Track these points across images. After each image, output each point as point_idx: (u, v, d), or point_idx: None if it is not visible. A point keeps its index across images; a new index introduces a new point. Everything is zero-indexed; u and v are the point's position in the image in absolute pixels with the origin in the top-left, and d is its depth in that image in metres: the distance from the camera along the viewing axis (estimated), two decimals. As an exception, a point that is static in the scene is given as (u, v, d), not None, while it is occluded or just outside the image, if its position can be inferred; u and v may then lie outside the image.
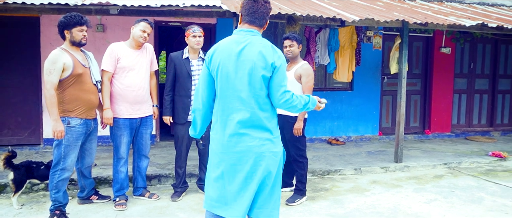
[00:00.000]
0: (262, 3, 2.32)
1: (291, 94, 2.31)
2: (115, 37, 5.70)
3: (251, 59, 2.23)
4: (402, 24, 5.26)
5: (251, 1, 2.32)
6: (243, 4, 2.35)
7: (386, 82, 7.29)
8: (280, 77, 2.26)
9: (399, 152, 5.47)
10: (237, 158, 2.29)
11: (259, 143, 2.27)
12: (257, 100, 2.26)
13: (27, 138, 5.97)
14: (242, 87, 2.25)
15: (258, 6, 2.31)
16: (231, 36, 2.35)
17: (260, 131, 2.28)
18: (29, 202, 4.01)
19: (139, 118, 3.89)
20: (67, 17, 3.36)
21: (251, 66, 2.23)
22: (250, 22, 2.33)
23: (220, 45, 2.33)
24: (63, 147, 3.39)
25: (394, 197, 4.30)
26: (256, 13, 2.31)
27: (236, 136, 2.27)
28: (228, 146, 2.30)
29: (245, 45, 2.26)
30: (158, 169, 4.89)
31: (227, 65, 2.27)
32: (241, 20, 2.37)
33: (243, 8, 2.34)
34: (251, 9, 2.31)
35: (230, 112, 2.28)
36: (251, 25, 2.33)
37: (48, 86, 3.26)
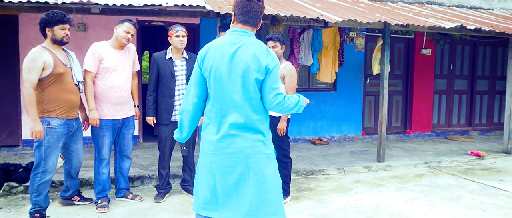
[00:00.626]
0: (256, 2, 2.28)
1: (283, 96, 2.28)
2: (96, 36, 5.61)
3: (245, 61, 2.20)
4: (384, 25, 5.34)
5: (245, 1, 2.27)
6: (236, 3, 2.29)
7: (368, 83, 7.39)
8: (273, 80, 2.24)
9: (381, 151, 5.55)
10: (229, 159, 2.26)
11: (251, 144, 2.25)
12: (251, 102, 2.23)
13: (5, 139, 5.82)
14: (235, 89, 2.21)
15: (252, 5, 2.27)
16: (224, 37, 2.31)
17: (252, 133, 2.26)
18: (7, 205, 3.91)
19: (121, 118, 3.83)
20: (49, 15, 3.29)
21: (244, 69, 2.19)
22: (244, 22, 2.28)
23: (213, 46, 2.28)
24: (44, 149, 3.32)
25: (376, 196, 4.36)
26: (250, 12, 2.26)
27: (229, 137, 2.25)
28: (220, 147, 2.27)
29: (239, 47, 2.23)
30: (141, 170, 4.84)
31: (220, 66, 2.22)
32: (234, 20, 2.31)
33: (236, 8, 2.29)
34: (245, 8, 2.26)
35: (223, 113, 2.25)
36: (244, 25, 2.29)
37: (27, 85, 3.18)
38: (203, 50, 2.32)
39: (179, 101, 3.99)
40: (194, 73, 2.35)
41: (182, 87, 4.00)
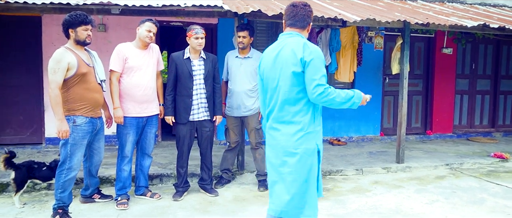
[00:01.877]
0: (301, 6, 2.52)
1: (325, 88, 2.34)
2: (116, 37, 5.71)
3: (284, 58, 2.42)
4: (404, 24, 5.26)
5: (291, 6, 2.53)
6: (285, 10, 2.56)
7: (387, 82, 7.29)
8: (312, 71, 2.34)
9: (400, 152, 5.47)
10: (271, 151, 2.51)
11: (286, 138, 2.41)
12: (288, 96, 2.41)
13: (29, 137, 5.99)
14: (277, 85, 2.46)
15: (298, 10, 2.51)
16: (276, 42, 2.57)
17: (290, 125, 2.41)
18: (31, 201, 4.02)
19: (145, 117, 3.91)
20: (72, 16, 3.37)
21: (283, 65, 2.42)
22: (291, 25, 2.52)
23: (266, 52, 2.60)
24: (69, 146, 3.40)
25: (395, 197, 4.30)
26: (297, 16, 2.50)
27: (271, 130, 2.51)
28: (268, 140, 2.56)
29: (282, 47, 2.46)
30: (160, 168, 4.90)
31: (268, 67, 2.52)
32: (284, 25, 2.57)
33: (285, 14, 2.55)
34: (292, 13, 2.51)
35: (271, 109, 2.53)
36: (291, 28, 2.53)
37: (53, 86, 3.26)
38: (260, 57, 2.67)
39: (197, 100, 4.03)
40: (258, 79, 2.72)
41: (200, 86, 4.03)
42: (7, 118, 5.82)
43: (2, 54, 5.41)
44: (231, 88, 4.40)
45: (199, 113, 4.06)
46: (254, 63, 4.37)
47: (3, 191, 4.23)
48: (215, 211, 3.85)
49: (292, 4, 2.54)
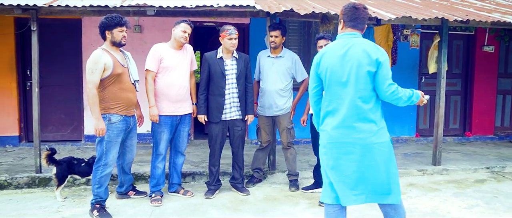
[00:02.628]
0: (363, 9, 2.62)
1: (396, 86, 2.53)
2: (151, 37, 5.86)
3: (356, 57, 2.49)
4: (441, 22, 5.07)
5: (353, 8, 2.60)
6: (344, 10, 2.63)
7: (423, 82, 7.06)
8: (385, 71, 2.50)
9: (437, 154, 5.28)
10: (345, 149, 2.54)
11: (364, 135, 2.51)
12: (363, 94, 2.50)
13: (70, 134, 6.26)
14: (348, 83, 2.51)
15: (359, 12, 2.60)
16: (336, 41, 2.63)
17: (365, 123, 2.51)
18: (71, 195, 4.20)
19: (179, 115, 3.99)
20: (108, 18, 3.49)
21: (356, 64, 2.49)
22: (353, 26, 2.61)
23: (327, 50, 2.62)
24: (105, 143, 3.53)
25: (431, 201, 4.15)
26: (358, 19, 2.60)
27: (343, 128, 2.53)
28: (336, 138, 2.56)
29: (350, 47, 2.54)
30: (192, 166, 4.98)
31: (334, 65, 2.54)
32: (343, 25, 2.64)
33: (345, 15, 2.62)
34: (354, 15, 2.60)
35: (338, 107, 2.55)
36: (353, 29, 2.61)
37: (90, 86, 3.40)
38: (318, 56, 2.68)
39: (229, 100, 4.07)
40: (311, 74, 2.72)
41: (232, 86, 4.06)
42: (49, 116, 6.11)
43: (45, 56, 5.68)
44: (263, 87, 4.41)
45: (231, 112, 4.10)
46: (286, 63, 4.36)
47: (46, 185, 4.45)
48: (246, 209, 3.87)
49: (354, 6, 2.62)
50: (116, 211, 3.73)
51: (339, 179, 2.58)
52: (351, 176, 2.55)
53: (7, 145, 6.03)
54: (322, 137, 2.66)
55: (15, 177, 4.46)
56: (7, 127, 6.01)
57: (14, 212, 3.75)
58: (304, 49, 6.63)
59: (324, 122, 2.65)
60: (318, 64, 2.65)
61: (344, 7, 2.64)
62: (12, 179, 4.44)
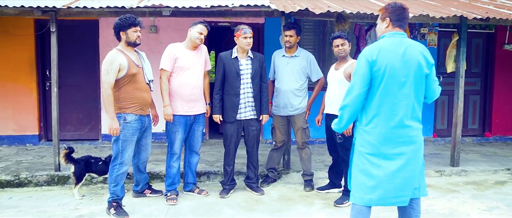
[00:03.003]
0: (408, 11, 2.69)
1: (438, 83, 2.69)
2: (167, 38, 5.91)
3: (415, 59, 2.54)
4: (460, 20, 4.96)
5: (401, 8, 2.63)
6: (391, 10, 2.63)
7: (441, 81, 6.91)
8: (434, 73, 2.66)
9: (456, 155, 5.18)
10: (399, 149, 2.56)
11: (416, 133, 2.61)
12: (417, 95, 2.58)
13: (87, 133, 6.37)
14: (407, 84, 2.53)
15: (406, 13, 2.66)
16: (388, 39, 2.61)
17: (417, 122, 2.62)
18: (89, 193, 4.28)
19: (193, 115, 4.01)
20: (122, 19, 3.54)
21: (417, 65, 2.54)
22: (400, 26, 2.63)
23: (383, 47, 2.56)
24: (121, 142, 3.58)
25: (449, 202, 4.08)
26: (406, 19, 2.65)
27: (399, 128, 2.56)
28: (392, 137, 2.56)
29: (406, 47, 2.56)
30: (207, 166, 5.01)
31: (394, 64, 2.52)
32: (389, 24, 2.64)
33: (392, 14, 2.63)
34: (402, 15, 2.63)
35: (394, 106, 2.54)
36: (400, 29, 2.64)
37: (106, 86, 3.45)
38: (373, 51, 2.56)
39: (244, 100, 4.07)
40: (363, 73, 2.56)
41: (247, 85, 4.07)
42: (68, 115, 6.23)
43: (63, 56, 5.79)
44: (277, 87, 4.40)
45: (246, 112, 4.10)
46: (301, 62, 4.34)
47: (64, 183, 4.54)
48: (261, 209, 3.87)
49: (402, 6, 2.64)
50: (132, 209, 3.78)
51: (387, 179, 2.56)
52: (400, 176, 2.57)
53: (27, 143, 6.18)
54: (369, 138, 2.60)
55: (35, 175, 4.57)
56: (28, 126, 6.15)
57: (34, 209, 3.84)
58: (319, 48, 6.59)
59: (373, 122, 2.58)
60: (375, 61, 2.52)
61: (391, 6, 2.64)
62: (32, 177, 4.54)
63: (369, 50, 2.58)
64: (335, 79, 3.98)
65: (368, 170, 2.62)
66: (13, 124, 6.13)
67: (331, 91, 4.02)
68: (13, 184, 4.48)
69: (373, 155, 2.60)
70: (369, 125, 2.62)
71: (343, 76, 3.88)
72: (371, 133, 2.61)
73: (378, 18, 2.74)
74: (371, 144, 2.60)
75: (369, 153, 2.61)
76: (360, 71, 2.57)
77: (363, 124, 2.65)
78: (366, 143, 2.63)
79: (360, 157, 2.66)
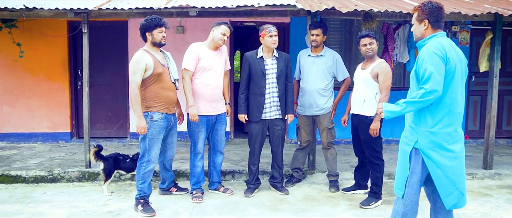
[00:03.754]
0: (444, 9, 2.64)
1: None
2: (193, 37, 5.98)
3: (463, 58, 2.60)
4: (495, 17, 4.78)
5: (439, 8, 2.59)
6: (429, 11, 2.58)
7: (474, 81, 6.69)
8: None
9: (488, 157, 4.99)
10: (461, 147, 2.60)
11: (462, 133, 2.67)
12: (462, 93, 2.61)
13: (116, 131, 6.54)
14: (461, 82, 2.58)
15: (443, 12, 2.62)
16: (443, 38, 2.58)
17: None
18: (117, 190, 4.39)
19: (215, 115, 4.05)
20: (148, 20, 3.62)
21: (465, 65, 2.61)
22: (440, 27, 2.62)
23: (446, 46, 2.53)
24: (148, 140, 3.66)
25: (482, 207, 3.93)
26: (443, 18, 2.63)
27: (460, 127, 2.62)
28: (457, 137, 2.57)
29: (454, 47, 2.58)
30: (232, 165, 5.04)
31: (458, 65, 2.54)
32: (428, 26, 2.60)
33: (433, 16, 2.58)
34: (440, 15, 2.59)
35: (457, 105, 2.56)
36: (441, 30, 2.63)
37: (133, 86, 3.54)
38: (443, 49, 2.49)
39: (269, 99, 4.07)
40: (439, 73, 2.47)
41: (273, 85, 4.06)
42: (98, 114, 6.42)
43: (94, 56, 5.97)
44: (303, 87, 4.38)
45: (271, 112, 4.10)
46: (327, 62, 4.30)
47: (94, 180, 4.69)
48: (286, 209, 3.86)
49: (438, 5, 2.60)
50: (159, 207, 3.86)
51: (458, 179, 2.56)
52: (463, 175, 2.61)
53: (60, 140, 6.41)
54: (440, 139, 2.52)
55: (67, 171, 4.73)
56: (60, 123, 6.39)
57: (66, 204, 3.98)
58: (345, 48, 6.51)
59: (442, 122, 2.52)
60: (449, 59, 2.48)
61: (428, 7, 2.58)
62: (64, 173, 4.71)
63: (437, 47, 2.49)
64: (361, 79, 3.91)
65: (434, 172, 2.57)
66: (47, 122, 6.37)
67: (357, 91, 3.96)
68: (47, 180, 4.66)
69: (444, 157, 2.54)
70: (437, 126, 2.53)
71: (369, 76, 3.81)
72: (438, 134, 2.52)
73: (413, 18, 2.66)
74: (440, 147, 2.53)
75: (439, 155, 2.53)
76: (437, 68, 2.44)
77: (429, 125, 2.54)
78: (433, 145, 2.53)
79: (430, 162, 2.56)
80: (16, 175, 4.65)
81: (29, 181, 4.64)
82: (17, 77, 6.26)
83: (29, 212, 3.77)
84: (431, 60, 2.46)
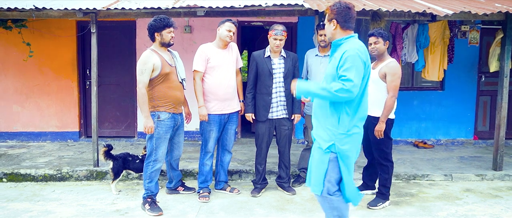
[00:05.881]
0: (354, 9, 2.58)
1: None
2: (201, 37, 6.00)
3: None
4: (505, 16, 4.72)
5: (349, 9, 2.54)
6: (338, 11, 2.53)
7: (483, 81, 6.61)
8: None
9: (498, 158, 4.93)
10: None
11: None
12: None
13: (124, 130, 6.58)
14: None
15: (352, 12, 2.56)
16: (360, 42, 2.58)
17: None
18: (125, 189, 4.42)
19: (227, 114, 4.05)
20: (157, 20, 3.63)
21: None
22: (350, 28, 2.58)
23: (365, 50, 2.58)
24: (155, 140, 3.67)
25: (492, 208, 3.89)
26: (353, 19, 2.58)
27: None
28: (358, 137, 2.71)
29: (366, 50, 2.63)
30: (239, 164, 5.04)
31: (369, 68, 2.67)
32: (338, 26, 2.56)
33: (341, 16, 2.53)
34: (349, 16, 2.54)
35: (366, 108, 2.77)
36: (351, 31, 2.60)
37: (140, 86, 3.55)
38: (364, 53, 2.55)
39: (276, 98, 4.06)
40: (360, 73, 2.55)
41: (280, 85, 4.06)
42: (106, 113, 6.47)
43: (102, 56, 6.02)
44: (310, 87, 4.35)
45: (278, 111, 4.09)
46: (334, 62, 4.27)
47: (102, 179, 4.72)
48: (292, 209, 3.85)
49: (348, 6, 2.53)
50: (166, 206, 3.87)
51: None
52: None
53: (69, 139, 6.47)
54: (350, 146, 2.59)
55: (75, 169, 4.78)
56: (69, 122, 6.44)
57: (74, 202, 4.02)
58: (353, 47, 6.46)
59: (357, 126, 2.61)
60: (368, 66, 2.58)
61: (337, 6, 2.54)
62: (73, 172, 4.75)
63: (361, 51, 2.50)
64: (370, 79, 3.86)
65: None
66: (56, 121, 6.43)
67: None
68: (56, 178, 4.71)
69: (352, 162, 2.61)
70: (353, 129, 2.57)
71: (378, 76, 3.78)
72: (352, 137, 2.56)
73: (325, 18, 2.62)
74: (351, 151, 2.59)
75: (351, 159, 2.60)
76: (360, 72, 2.48)
77: (345, 128, 2.54)
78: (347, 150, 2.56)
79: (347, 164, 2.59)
80: (26, 173, 4.71)
81: (38, 180, 4.69)
82: (26, 76, 6.33)
83: (38, 210, 3.81)
84: (354, 62, 2.44)
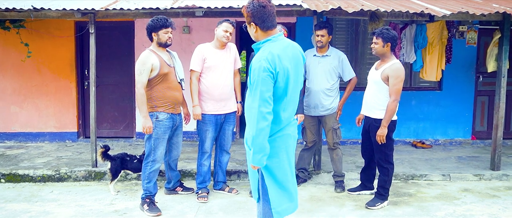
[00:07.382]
0: (269, 6, 2.36)
1: None
2: (199, 38, 6.00)
3: (300, 59, 2.54)
4: (503, 16, 4.73)
5: (264, 8, 2.33)
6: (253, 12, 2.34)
7: (481, 81, 6.63)
8: None
9: (496, 158, 4.95)
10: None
11: None
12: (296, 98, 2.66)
13: (122, 131, 6.58)
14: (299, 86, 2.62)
15: (268, 10, 2.34)
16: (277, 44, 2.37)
17: None
18: (123, 189, 4.42)
19: (224, 114, 4.05)
20: (154, 21, 3.64)
21: (301, 66, 2.55)
22: (270, 27, 2.39)
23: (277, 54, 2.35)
24: (153, 140, 3.68)
25: (489, 208, 3.90)
26: (271, 17, 2.37)
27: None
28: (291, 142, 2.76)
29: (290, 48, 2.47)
30: (238, 165, 5.05)
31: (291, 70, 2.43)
32: (258, 28, 2.38)
33: (257, 17, 2.35)
34: (265, 15, 2.34)
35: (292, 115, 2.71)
36: (272, 31, 2.42)
37: (139, 86, 3.56)
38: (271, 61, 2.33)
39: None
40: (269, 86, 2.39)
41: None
42: (105, 113, 6.46)
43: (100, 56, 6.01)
44: (308, 87, 4.37)
45: (276, 112, 4.09)
46: (333, 62, 4.28)
47: (101, 179, 4.72)
48: (291, 209, 3.85)
49: (262, 4, 2.31)
50: (164, 206, 3.87)
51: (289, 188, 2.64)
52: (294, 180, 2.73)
53: (67, 140, 6.46)
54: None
55: (74, 170, 4.77)
56: (67, 123, 6.43)
57: (73, 203, 4.01)
58: (351, 48, 6.48)
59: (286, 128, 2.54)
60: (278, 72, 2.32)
61: (250, 8, 2.33)
62: (71, 172, 4.75)
63: (267, 60, 2.26)
64: (372, 80, 3.86)
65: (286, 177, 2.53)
66: (54, 121, 6.43)
67: (367, 93, 3.91)
68: (54, 179, 4.70)
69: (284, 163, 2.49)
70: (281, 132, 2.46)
71: (380, 78, 3.72)
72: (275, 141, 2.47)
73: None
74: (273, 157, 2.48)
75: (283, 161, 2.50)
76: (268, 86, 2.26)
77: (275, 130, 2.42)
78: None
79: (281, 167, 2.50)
80: (24, 174, 4.70)
81: (36, 180, 4.68)
82: (24, 77, 6.32)
83: (37, 210, 3.81)
84: (258, 76, 2.23)
